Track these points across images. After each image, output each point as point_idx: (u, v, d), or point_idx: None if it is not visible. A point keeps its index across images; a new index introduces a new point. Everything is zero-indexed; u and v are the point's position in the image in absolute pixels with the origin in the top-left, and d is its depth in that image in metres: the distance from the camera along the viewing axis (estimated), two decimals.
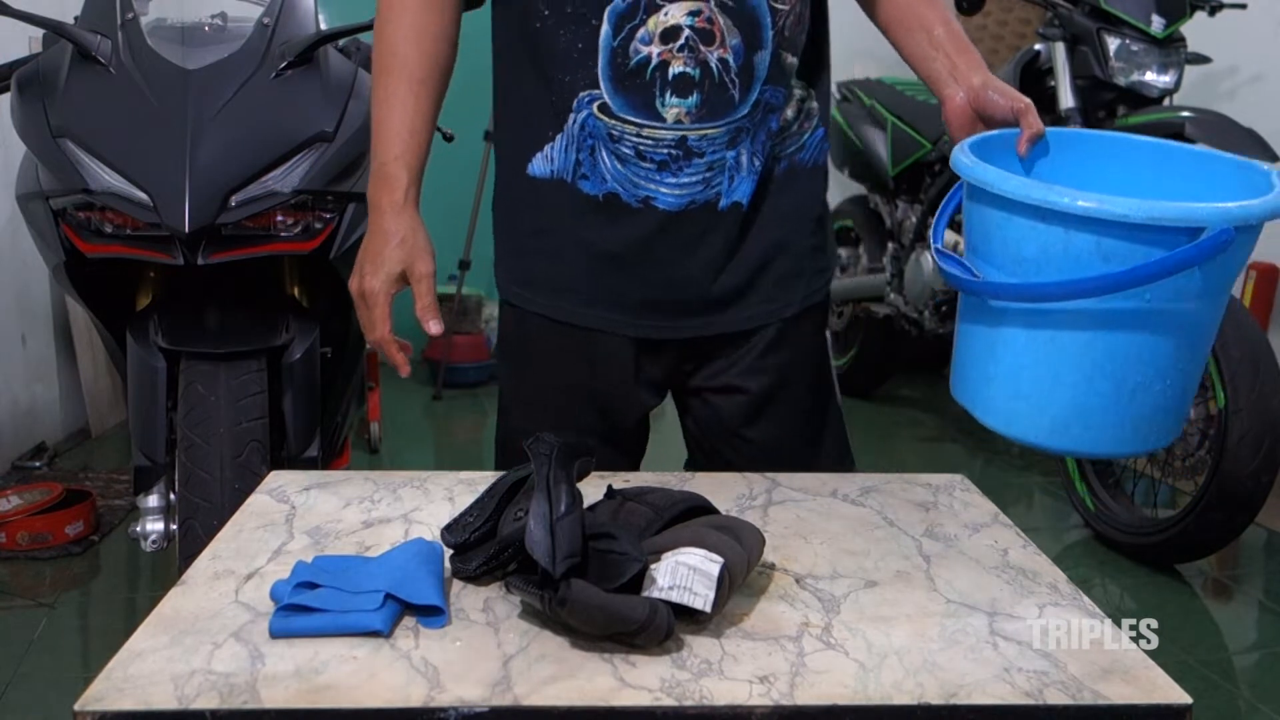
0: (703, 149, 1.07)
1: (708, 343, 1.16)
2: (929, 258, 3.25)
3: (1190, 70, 2.76)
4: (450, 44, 1.11)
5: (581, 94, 1.06)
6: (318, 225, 1.76)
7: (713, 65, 1.04)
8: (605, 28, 1.03)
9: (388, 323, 1.08)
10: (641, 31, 1.03)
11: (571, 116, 1.07)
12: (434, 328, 1.07)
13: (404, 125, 1.07)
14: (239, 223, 1.65)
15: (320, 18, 1.97)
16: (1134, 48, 2.66)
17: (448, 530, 0.88)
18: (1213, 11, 2.84)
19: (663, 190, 1.08)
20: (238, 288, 1.79)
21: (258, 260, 1.72)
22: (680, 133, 1.05)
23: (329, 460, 2.01)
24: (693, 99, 1.04)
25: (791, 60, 1.10)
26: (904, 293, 3.40)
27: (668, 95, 1.04)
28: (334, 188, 1.74)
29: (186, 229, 1.59)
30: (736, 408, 1.18)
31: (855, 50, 3.98)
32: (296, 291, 1.90)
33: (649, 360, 1.16)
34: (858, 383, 3.87)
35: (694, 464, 1.25)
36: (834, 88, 3.82)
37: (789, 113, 1.12)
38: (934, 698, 0.68)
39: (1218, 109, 2.65)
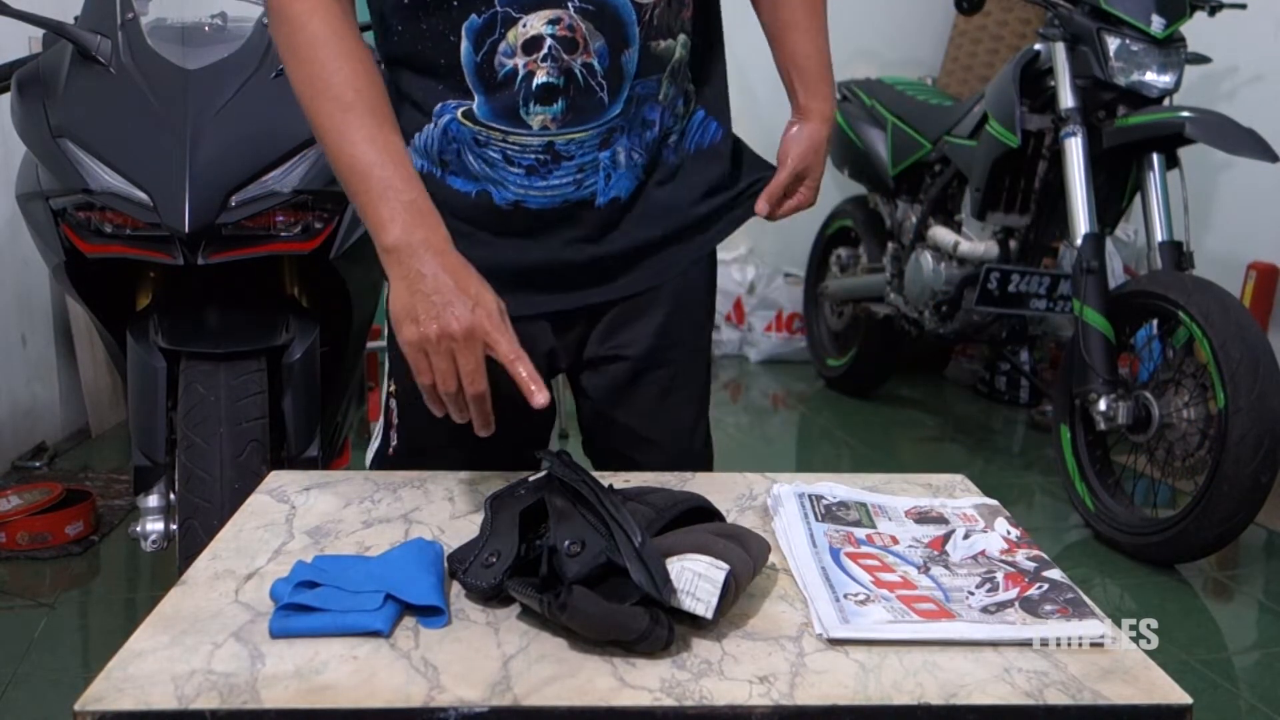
0: (571, 152, 1.05)
1: (588, 313, 1.16)
2: (929, 257, 3.26)
3: (1190, 70, 2.76)
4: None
5: (448, 101, 1.04)
6: (317, 225, 1.75)
7: (577, 71, 1.01)
8: (465, 44, 1.01)
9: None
10: (502, 45, 1.00)
11: (434, 121, 1.06)
12: (529, 368, 0.95)
13: (405, 159, 0.98)
14: (239, 223, 1.65)
15: None
16: (1134, 48, 2.66)
17: (468, 575, 0.81)
18: (1213, 11, 2.84)
19: (533, 193, 1.07)
20: (238, 288, 1.79)
21: (257, 260, 1.72)
22: (547, 138, 1.04)
23: (329, 460, 2.00)
24: (558, 105, 1.02)
25: (664, 44, 1.06)
26: (904, 293, 3.40)
27: (531, 104, 1.02)
28: (334, 188, 1.74)
29: (186, 229, 1.59)
30: (608, 379, 1.19)
31: (855, 50, 4.00)
32: (296, 291, 1.90)
33: (534, 333, 1.14)
34: (858, 383, 3.88)
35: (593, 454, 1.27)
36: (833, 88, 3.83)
37: (669, 101, 1.09)
38: (934, 698, 0.68)
39: (1218, 109, 2.65)
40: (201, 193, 1.61)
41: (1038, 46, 2.91)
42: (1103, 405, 2.56)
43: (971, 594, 0.82)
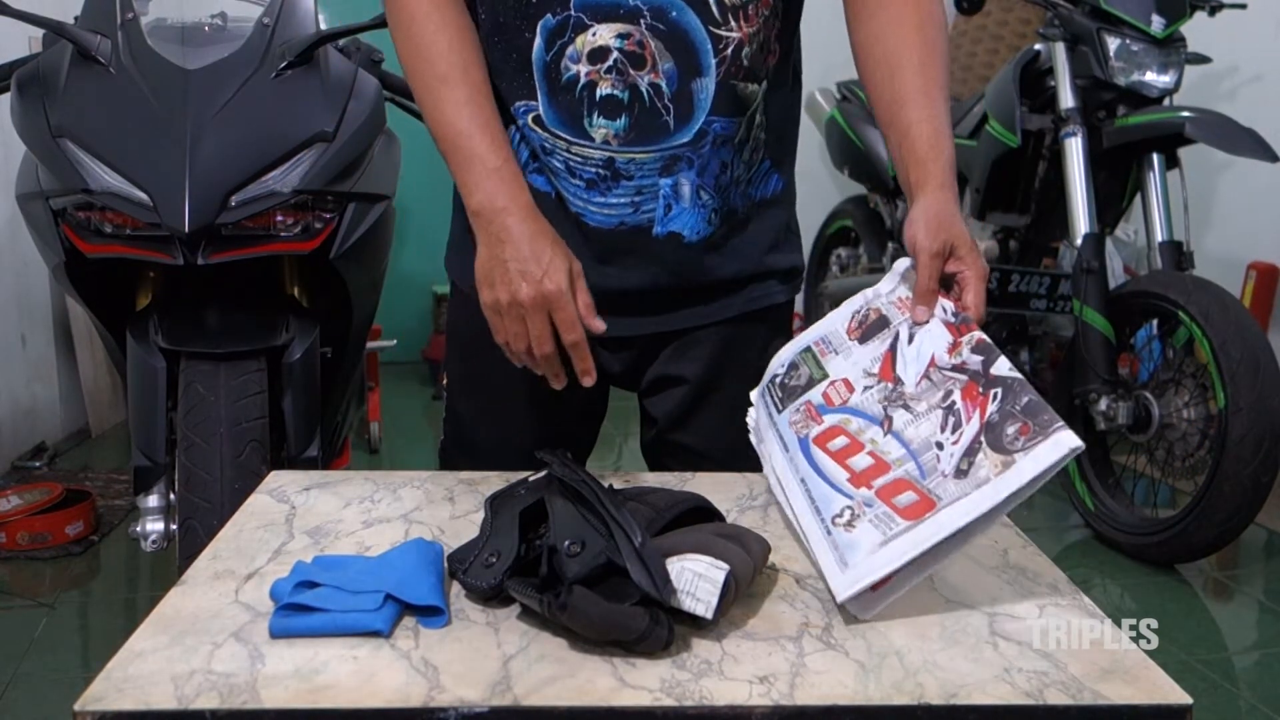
0: (631, 172, 1.04)
1: (646, 340, 1.16)
2: None
3: (1190, 70, 2.77)
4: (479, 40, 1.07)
5: (519, 103, 1.05)
6: (318, 225, 1.76)
7: (642, 89, 1.01)
8: (538, 41, 1.01)
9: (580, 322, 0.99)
10: (570, 49, 1.01)
11: (516, 120, 1.07)
12: (599, 324, 1.00)
13: (496, 127, 1.01)
14: (239, 223, 1.65)
15: (320, 18, 1.97)
16: (1134, 48, 2.66)
17: (468, 575, 0.81)
18: (1213, 11, 2.84)
19: (591, 208, 1.06)
20: (238, 288, 1.79)
21: (257, 260, 1.72)
22: (608, 154, 1.03)
23: (329, 460, 2.01)
24: (620, 121, 1.02)
25: (753, 88, 1.05)
26: None
27: (595, 115, 1.02)
28: (334, 188, 1.74)
29: (186, 229, 1.59)
30: (672, 403, 1.18)
31: None
32: (296, 291, 1.90)
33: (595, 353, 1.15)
34: None
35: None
36: (833, 87, 3.84)
37: (741, 145, 1.07)
38: (934, 698, 0.68)
39: (1218, 109, 2.65)
40: (201, 193, 1.61)
41: (1038, 46, 2.91)
42: (1103, 405, 2.56)
43: (940, 449, 0.82)
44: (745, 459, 1.14)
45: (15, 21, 1.79)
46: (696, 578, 0.74)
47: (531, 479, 0.92)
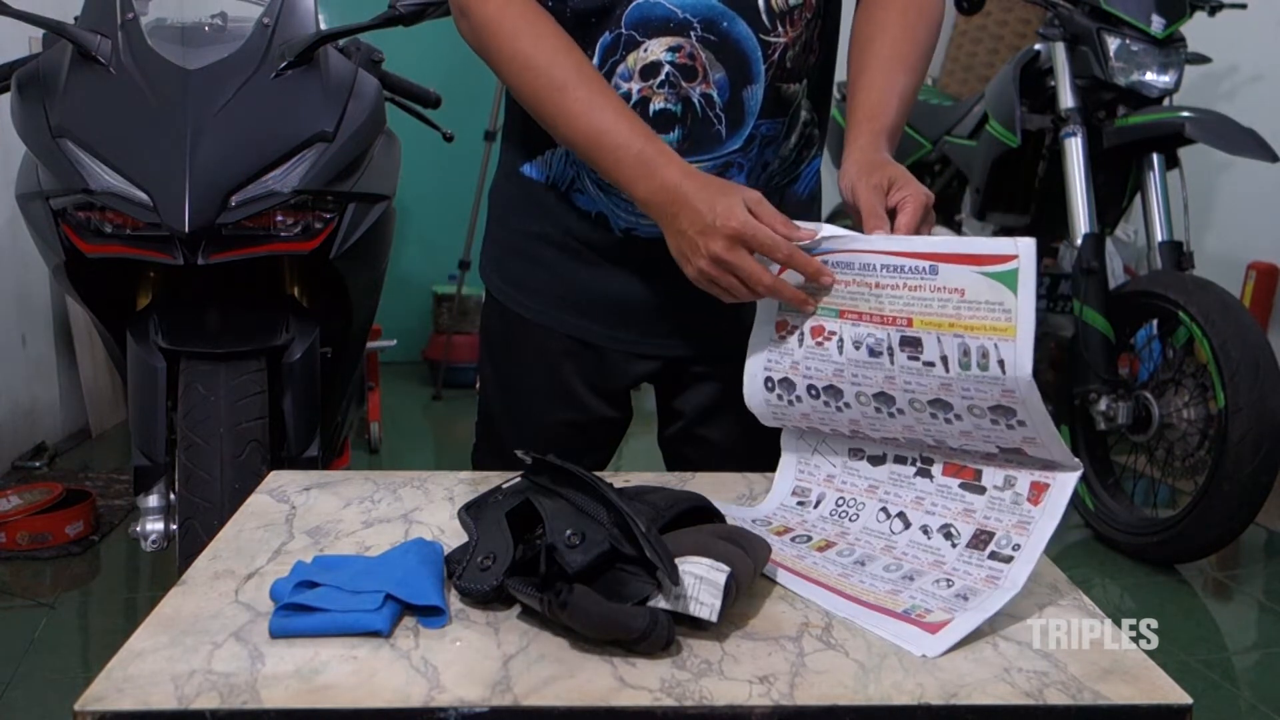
0: None
1: (686, 358, 1.17)
2: None
3: (1190, 70, 2.77)
4: None
5: None
6: (318, 225, 1.76)
7: (695, 100, 1.01)
8: (595, 60, 1.01)
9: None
10: (621, 67, 1.01)
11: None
12: (801, 233, 0.92)
13: (625, 111, 0.98)
14: (239, 223, 1.65)
15: (320, 18, 1.98)
16: (1134, 48, 2.66)
17: (464, 579, 0.80)
18: (1213, 11, 2.85)
19: (644, 222, 1.06)
20: (238, 288, 1.79)
21: (257, 260, 1.72)
22: None
23: (329, 460, 2.01)
24: (674, 134, 1.02)
25: (793, 89, 1.06)
26: None
27: None
28: (334, 188, 1.74)
29: (186, 229, 1.59)
30: (700, 399, 1.19)
31: None
32: (296, 291, 1.90)
33: (630, 365, 1.16)
34: None
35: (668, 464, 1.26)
36: (834, 89, 3.84)
37: (790, 142, 1.09)
38: (934, 698, 0.68)
39: (1218, 109, 2.65)
40: (201, 193, 1.61)
41: (1038, 46, 2.91)
42: (1103, 405, 2.56)
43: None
44: (768, 457, 1.15)
45: (15, 21, 1.79)
46: (698, 581, 0.74)
47: (505, 485, 0.92)
